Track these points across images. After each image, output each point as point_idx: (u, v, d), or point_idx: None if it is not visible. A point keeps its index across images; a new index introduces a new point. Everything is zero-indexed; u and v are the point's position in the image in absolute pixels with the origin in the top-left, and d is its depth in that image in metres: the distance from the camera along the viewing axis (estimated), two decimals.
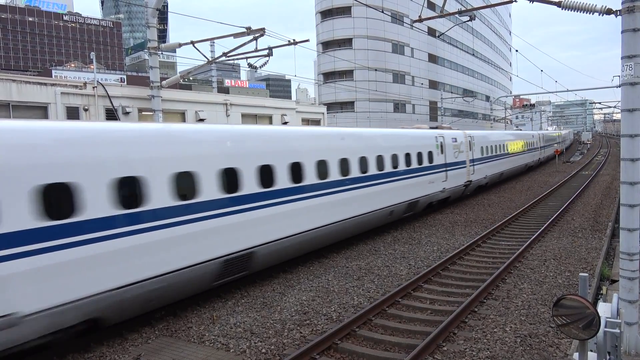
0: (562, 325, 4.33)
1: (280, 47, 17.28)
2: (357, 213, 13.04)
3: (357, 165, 13.15)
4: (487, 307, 8.71)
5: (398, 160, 15.38)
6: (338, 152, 12.47)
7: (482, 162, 24.15)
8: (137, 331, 8.09)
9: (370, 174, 13.76)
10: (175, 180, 8.12)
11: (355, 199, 12.92)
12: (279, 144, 10.71)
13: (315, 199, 11.35)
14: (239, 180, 9.35)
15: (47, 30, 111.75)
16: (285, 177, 10.49)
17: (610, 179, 30.39)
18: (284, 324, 8.21)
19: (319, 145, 11.95)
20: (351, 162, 12.91)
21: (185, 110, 20.51)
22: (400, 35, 57.45)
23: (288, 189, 10.54)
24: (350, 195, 12.70)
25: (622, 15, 6.65)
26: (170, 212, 7.98)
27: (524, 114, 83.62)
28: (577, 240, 13.81)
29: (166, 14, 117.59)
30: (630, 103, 6.76)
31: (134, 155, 7.61)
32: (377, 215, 14.18)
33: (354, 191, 12.91)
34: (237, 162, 9.36)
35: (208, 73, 57.10)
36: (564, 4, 7.90)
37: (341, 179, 12.41)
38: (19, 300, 6.04)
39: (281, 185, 10.36)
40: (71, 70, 51.21)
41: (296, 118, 27.23)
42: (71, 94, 16.24)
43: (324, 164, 11.82)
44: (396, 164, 15.21)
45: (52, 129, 6.97)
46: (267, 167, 10.01)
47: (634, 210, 6.85)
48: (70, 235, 6.56)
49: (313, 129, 13.89)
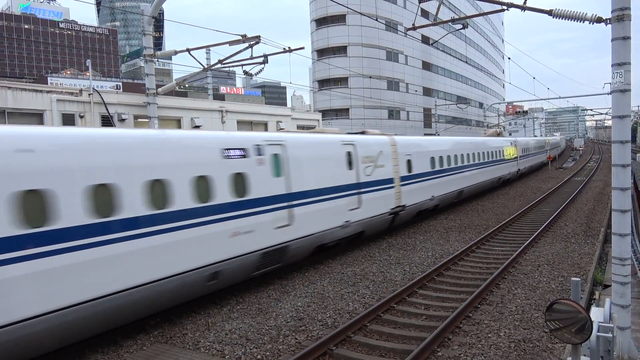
0: (555, 330, 4.38)
1: (275, 54, 17.43)
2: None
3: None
4: (481, 313, 8.75)
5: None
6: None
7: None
8: (131, 338, 8.06)
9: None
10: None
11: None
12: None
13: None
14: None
15: (43, 37, 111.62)
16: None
17: (603, 184, 30.65)
18: (280, 330, 8.21)
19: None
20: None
21: (181, 117, 20.55)
22: (395, 43, 57.91)
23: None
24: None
25: (612, 24, 6.76)
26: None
27: (517, 121, 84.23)
28: (570, 245, 13.91)
29: (162, 21, 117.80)
30: (620, 110, 6.85)
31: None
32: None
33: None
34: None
35: (204, 80, 57.04)
36: (555, 12, 8.04)
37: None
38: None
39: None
40: (67, 78, 51.12)
41: (292, 125, 27.32)
42: (67, 101, 16.24)
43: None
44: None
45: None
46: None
47: (626, 215, 6.92)
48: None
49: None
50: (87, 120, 16.59)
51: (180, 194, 8.32)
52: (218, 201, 9.04)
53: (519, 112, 78.11)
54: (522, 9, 8.73)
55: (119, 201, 7.42)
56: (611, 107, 7.05)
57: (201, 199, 8.71)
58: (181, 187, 8.38)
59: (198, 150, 9.09)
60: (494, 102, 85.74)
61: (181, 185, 8.39)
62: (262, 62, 17.12)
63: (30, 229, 6.34)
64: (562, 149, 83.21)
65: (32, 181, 6.47)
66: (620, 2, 6.58)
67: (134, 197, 7.64)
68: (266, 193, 10.24)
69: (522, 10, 8.75)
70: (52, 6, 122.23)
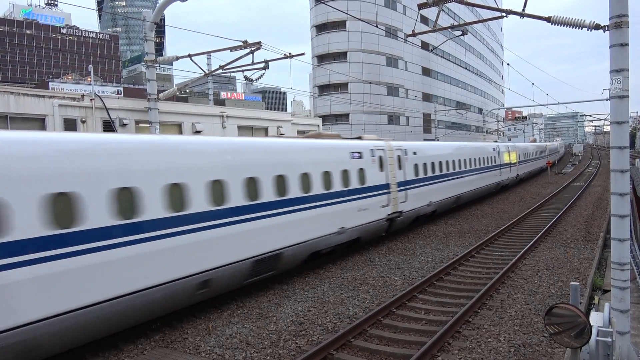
0: (555, 334, 4.41)
1: (276, 60, 17.52)
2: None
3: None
4: (481, 317, 8.77)
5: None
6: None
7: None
8: (132, 342, 8.08)
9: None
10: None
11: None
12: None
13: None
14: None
15: (44, 43, 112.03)
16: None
17: (602, 190, 30.69)
18: (280, 334, 8.23)
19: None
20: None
21: (182, 122, 20.63)
22: (394, 49, 58.21)
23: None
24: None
25: (610, 31, 6.82)
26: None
27: (516, 126, 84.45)
28: (569, 250, 13.93)
29: (163, 27, 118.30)
30: (619, 116, 6.90)
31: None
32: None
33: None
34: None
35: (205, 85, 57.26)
36: (554, 19, 8.11)
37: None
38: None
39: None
40: (68, 83, 51.29)
41: (292, 130, 27.41)
42: (69, 106, 16.33)
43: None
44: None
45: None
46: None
47: (624, 220, 6.95)
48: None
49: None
50: (88, 125, 16.67)
51: (337, 180, 12.75)
52: (352, 187, 13.41)
53: (518, 118, 78.31)
54: (521, 15, 8.80)
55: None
56: (610, 113, 7.10)
57: (344, 185, 13.07)
58: (336, 175, 12.79)
59: (340, 151, 13.43)
60: (493, 107, 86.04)
61: (336, 174, 12.80)
62: (262, 67, 17.21)
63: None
64: (561, 155, 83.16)
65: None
66: (618, 9, 6.64)
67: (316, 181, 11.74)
68: (376, 182, 14.61)
69: (521, 17, 8.83)
70: (54, 12, 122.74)
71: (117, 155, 7.80)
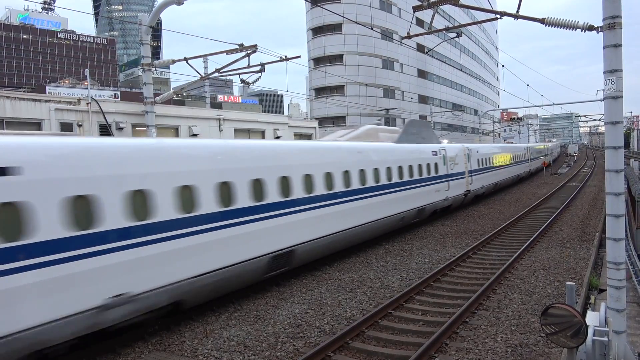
0: (551, 334, 4.43)
1: (272, 63, 17.55)
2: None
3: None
4: (478, 318, 8.79)
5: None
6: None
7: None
8: (130, 346, 8.05)
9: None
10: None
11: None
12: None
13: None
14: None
15: (41, 47, 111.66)
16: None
17: (597, 190, 30.82)
18: (277, 337, 8.22)
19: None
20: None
21: (179, 125, 20.62)
22: (390, 52, 58.31)
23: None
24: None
25: (604, 32, 6.87)
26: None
27: (511, 127, 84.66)
28: (565, 250, 13.99)
29: (160, 31, 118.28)
30: (613, 116, 6.95)
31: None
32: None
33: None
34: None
35: (201, 89, 57.37)
36: (548, 21, 8.17)
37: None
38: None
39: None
40: (65, 87, 51.16)
41: (289, 133, 27.43)
42: (65, 110, 16.30)
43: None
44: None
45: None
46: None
47: (619, 220, 7.00)
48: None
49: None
50: (85, 129, 16.64)
51: (424, 169, 18.46)
52: (433, 174, 19.39)
53: (514, 119, 78.52)
54: (515, 17, 8.86)
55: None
56: (604, 113, 7.15)
57: (429, 173, 18.88)
58: (423, 166, 18.52)
59: (425, 152, 19.28)
60: (489, 109, 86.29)
61: (424, 165, 18.58)
62: (259, 70, 17.24)
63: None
64: (556, 156, 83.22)
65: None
66: (611, 10, 6.70)
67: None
68: (441, 173, 20.39)
69: (515, 18, 8.89)
70: (51, 16, 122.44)
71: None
